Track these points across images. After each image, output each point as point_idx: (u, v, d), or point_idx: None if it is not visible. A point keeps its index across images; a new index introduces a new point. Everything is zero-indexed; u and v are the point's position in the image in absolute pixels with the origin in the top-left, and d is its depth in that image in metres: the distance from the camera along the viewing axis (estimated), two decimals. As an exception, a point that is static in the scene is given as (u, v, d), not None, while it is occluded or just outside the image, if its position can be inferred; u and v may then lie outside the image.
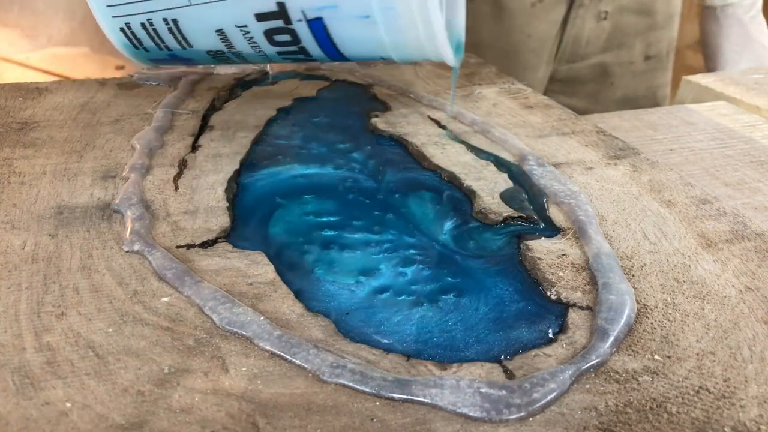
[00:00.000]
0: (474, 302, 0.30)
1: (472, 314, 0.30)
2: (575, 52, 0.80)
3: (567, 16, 0.77)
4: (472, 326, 0.29)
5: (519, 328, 0.29)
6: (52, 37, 2.20)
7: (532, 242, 0.34)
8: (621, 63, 0.82)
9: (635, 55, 0.82)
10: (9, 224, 0.34)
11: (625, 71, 0.82)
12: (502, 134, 0.47)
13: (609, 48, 0.80)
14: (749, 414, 0.24)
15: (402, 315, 0.30)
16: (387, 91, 0.56)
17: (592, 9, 0.77)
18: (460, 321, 0.29)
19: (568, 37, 0.78)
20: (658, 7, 0.80)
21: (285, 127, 0.49)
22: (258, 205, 0.38)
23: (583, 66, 0.81)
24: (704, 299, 0.30)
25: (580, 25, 0.78)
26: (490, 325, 0.29)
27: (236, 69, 0.60)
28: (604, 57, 0.81)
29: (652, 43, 0.82)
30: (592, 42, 0.79)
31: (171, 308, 0.29)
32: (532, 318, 0.29)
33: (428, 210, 0.39)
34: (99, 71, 2.05)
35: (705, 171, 0.47)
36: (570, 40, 0.78)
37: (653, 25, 0.81)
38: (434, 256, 0.34)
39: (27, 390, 0.24)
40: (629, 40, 0.80)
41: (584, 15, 0.77)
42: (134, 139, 0.44)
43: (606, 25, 0.79)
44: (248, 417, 0.23)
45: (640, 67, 0.83)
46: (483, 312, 0.30)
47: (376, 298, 0.31)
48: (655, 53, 0.83)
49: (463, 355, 0.27)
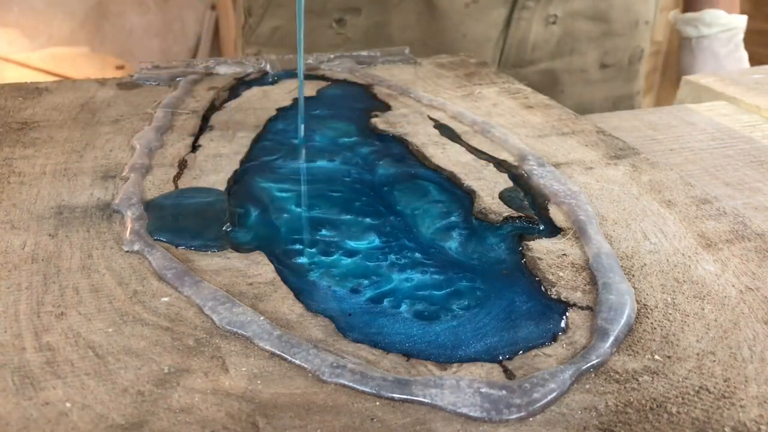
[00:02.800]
0: (474, 302, 0.30)
1: (472, 314, 0.30)
2: (520, 56, 0.75)
3: (510, 18, 0.73)
4: (471, 326, 0.29)
5: (519, 328, 0.29)
6: (52, 37, 2.20)
7: (532, 242, 0.34)
8: (572, 70, 0.77)
9: (588, 63, 0.77)
10: (9, 224, 0.34)
11: (576, 79, 0.78)
12: (502, 134, 0.47)
13: (559, 54, 0.76)
14: (749, 414, 0.24)
15: (401, 315, 0.29)
16: (387, 91, 0.56)
17: (539, 12, 0.73)
18: (460, 321, 0.29)
19: (512, 40, 0.74)
20: (615, 14, 0.76)
21: (285, 127, 0.49)
22: (258, 204, 0.38)
23: (530, 72, 0.76)
24: (704, 299, 0.30)
25: (525, 28, 0.73)
26: (490, 325, 0.29)
27: (236, 69, 0.60)
28: (554, 63, 0.76)
29: (609, 51, 0.78)
30: (540, 47, 0.75)
31: (171, 308, 0.29)
32: (532, 318, 0.29)
33: (428, 208, 0.38)
34: (99, 71, 2.06)
35: (705, 171, 0.47)
36: (514, 43, 0.74)
37: (609, 32, 0.76)
38: (434, 256, 0.34)
39: (27, 390, 0.24)
40: (581, 46, 0.76)
41: (529, 18, 0.73)
42: (134, 139, 0.44)
43: (555, 30, 0.74)
44: (248, 417, 0.23)
45: (595, 75, 0.78)
46: (483, 312, 0.30)
47: (376, 298, 0.31)
48: (614, 62, 0.78)
49: (463, 355, 0.27)
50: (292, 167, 0.43)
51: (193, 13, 2.38)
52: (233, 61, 0.62)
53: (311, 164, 0.44)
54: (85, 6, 2.23)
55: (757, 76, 0.66)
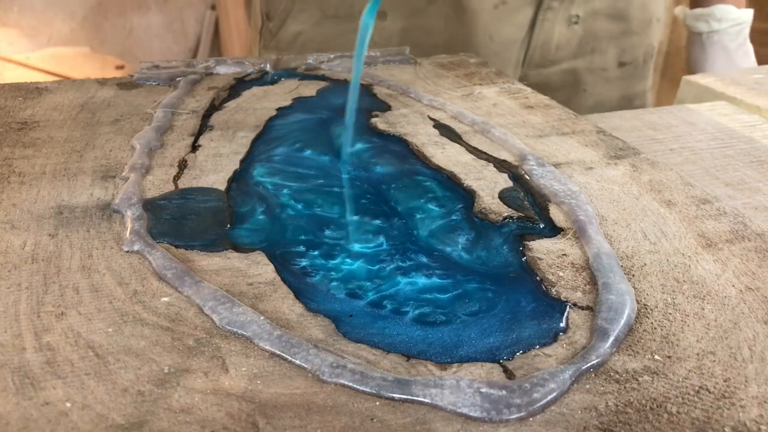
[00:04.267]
0: (474, 302, 0.30)
1: (472, 314, 0.30)
2: (545, 57, 0.76)
3: (534, 19, 0.74)
4: (471, 326, 0.29)
5: (519, 328, 0.29)
6: (52, 37, 2.21)
7: (532, 242, 0.34)
8: (593, 69, 0.79)
9: (608, 62, 0.79)
10: (9, 224, 0.34)
11: (597, 78, 0.79)
12: (502, 134, 0.47)
13: (581, 54, 0.77)
14: (749, 414, 0.24)
15: (400, 315, 0.29)
16: (387, 91, 0.56)
17: (562, 13, 0.74)
18: (461, 321, 0.29)
19: (537, 41, 0.75)
20: (633, 12, 0.77)
21: (285, 126, 0.49)
22: (257, 203, 0.38)
23: (553, 72, 0.78)
24: (704, 299, 0.30)
25: (549, 29, 0.74)
26: (490, 324, 0.29)
27: (236, 69, 0.60)
28: (576, 63, 0.78)
29: (626, 50, 0.79)
30: (563, 47, 0.76)
31: (171, 308, 0.29)
32: (532, 318, 0.29)
33: (427, 208, 0.38)
34: (99, 71, 2.06)
35: (705, 171, 0.47)
36: (538, 44, 0.75)
37: (627, 30, 0.78)
38: (433, 256, 0.34)
39: (27, 390, 0.24)
40: (602, 45, 0.77)
41: (553, 19, 0.74)
42: (134, 139, 0.44)
43: (577, 30, 0.75)
44: (248, 417, 0.23)
45: (614, 73, 0.80)
46: (483, 312, 0.30)
47: (376, 298, 0.31)
48: (631, 60, 0.80)
49: (463, 355, 0.27)
50: (292, 166, 0.43)
51: (193, 13, 2.38)
52: (233, 61, 0.62)
53: (311, 163, 0.44)
54: (85, 6, 2.23)
55: (757, 76, 0.66)
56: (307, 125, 0.49)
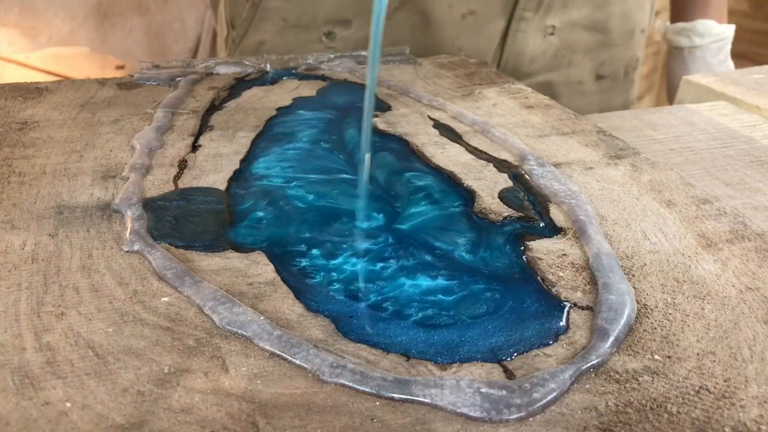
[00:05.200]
0: (474, 302, 0.30)
1: (472, 314, 0.30)
2: (518, 69, 0.73)
3: (507, 30, 0.70)
4: (471, 326, 0.29)
5: (519, 328, 0.29)
6: (52, 37, 2.20)
7: (532, 242, 0.34)
8: (569, 83, 0.75)
9: (584, 75, 0.76)
10: (9, 224, 0.34)
11: (573, 91, 0.76)
12: (502, 134, 0.47)
13: (556, 66, 0.74)
14: (749, 414, 0.24)
15: (401, 315, 0.29)
16: (387, 91, 0.56)
17: (537, 23, 0.70)
18: (461, 321, 0.29)
19: (509, 53, 0.71)
20: (613, 23, 0.74)
21: (285, 126, 0.49)
22: (257, 203, 0.38)
23: (527, 85, 0.74)
24: (704, 299, 0.30)
25: (522, 41, 0.71)
26: (490, 324, 0.29)
27: (236, 69, 0.60)
28: (551, 76, 0.74)
29: (605, 62, 0.76)
30: (537, 59, 0.73)
31: (171, 308, 0.29)
32: (532, 318, 0.29)
33: (427, 208, 0.38)
34: (99, 71, 2.05)
35: (705, 171, 0.47)
36: (511, 56, 0.72)
37: (606, 42, 0.75)
38: (433, 255, 0.34)
39: (27, 390, 0.24)
40: (578, 58, 0.74)
41: (527, 29, 0.70)
42: (134, 139, 0.44)
43: (553, 41, 0.72)
44: (248, 417, 0.23)
45: (590, 87, 0.77)
46: (483, 312, 0.30)
47: (376, 298, 0.31)
48: (609, 73, 0.77)
49: (463, 355, 0.27)
50: (292, 167, 0.43)
51: (193, 13, 2.38)
52: (233, 61, 0.62)
53: (311, 163, 0.44)
54: (85, 6, 2.23)
55: (757, 76, 0.66)
56: (309, 125, 0.49)
